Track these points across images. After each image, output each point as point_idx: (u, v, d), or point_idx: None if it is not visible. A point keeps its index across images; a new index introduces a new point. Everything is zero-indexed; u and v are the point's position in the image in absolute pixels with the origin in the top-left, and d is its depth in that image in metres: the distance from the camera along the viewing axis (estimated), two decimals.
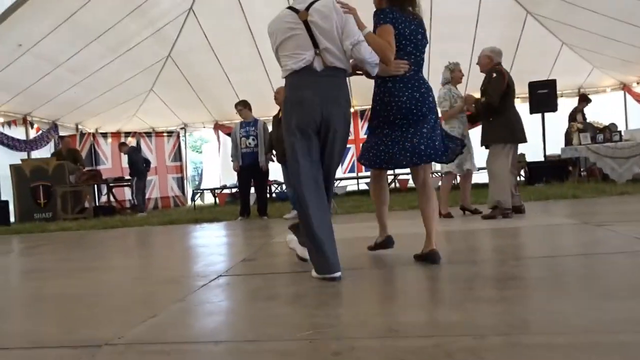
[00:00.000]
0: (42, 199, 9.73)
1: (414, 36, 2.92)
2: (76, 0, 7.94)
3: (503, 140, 5.02)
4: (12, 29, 7.76)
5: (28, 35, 8.13)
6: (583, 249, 3.15)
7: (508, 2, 9.62)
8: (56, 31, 8.32)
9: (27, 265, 4.36)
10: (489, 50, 5.21)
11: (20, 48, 8.31)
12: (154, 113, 13.14)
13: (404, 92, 2.88)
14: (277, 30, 2.78)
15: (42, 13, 7.76)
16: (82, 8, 8.09)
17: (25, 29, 7.92)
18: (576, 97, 12.17)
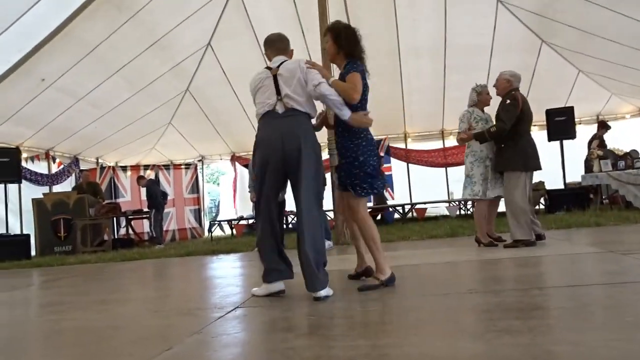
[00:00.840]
0: (62, 232, 9.85)
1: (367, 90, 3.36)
2: (98, 35, 8.20)
3: (517, 168, 4.95)
4: (36, 64, 8.02)
5: (51, 70, 8.37)
6: (609, 278, 3.06)
7: (522, 31, 9.68)
8: (78, 65, 8.57)
9: (46, 298, 4.38)
10: (509, 74, 5.19)
11: (43, 83, 8.56)
12: (172, 146, 13.36)
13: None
14: (253, 83, 3.34)
15: (64, 47, 8.01)
16: (103, 42, 8.34)
17: (48, 64, 8.17)
18: (595, 124, 12.06)
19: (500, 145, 5.09)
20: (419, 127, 12.86)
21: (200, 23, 9.37)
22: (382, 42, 10.06)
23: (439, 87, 11.06)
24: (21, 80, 8.22)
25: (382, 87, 11.19)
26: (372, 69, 10.78)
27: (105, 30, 8.22)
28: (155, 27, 8.82)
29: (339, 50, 3.37)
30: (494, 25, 9.56)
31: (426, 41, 10.11)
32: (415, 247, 5.77)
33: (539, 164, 5.09)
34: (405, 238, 6.92)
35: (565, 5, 8.42)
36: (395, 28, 9.73)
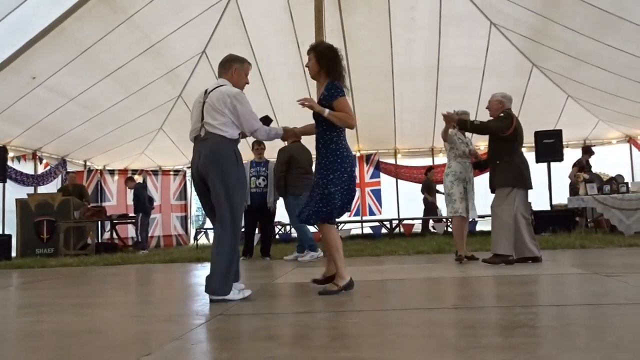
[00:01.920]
0: (45, 234, 9.70)
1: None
2: (91, 35, 8.13)
3: (509, 184, 5.02)
4: (27, 61, 7.92)
5: (42, 68, 8.26)
6: (592, 299, 3.07)
7: (514, 54, 9.82)
8: (70, 65, 8.48)
9: (24, 300, 4.29)
10: (501, 96, 5.27)
11: (34, 81, 8.46)
12: (162, 152, 13.27)
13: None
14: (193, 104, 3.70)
15: (57, 46, 7.93)
16: (97, 43, 8.29)
17: (40, 62, 8.07)
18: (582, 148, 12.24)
19: (495, 162, 5.16)
20: (409, 144, 12.94)
21: (196, 31, 9.38)
22: (377, 60, 10.16)
23: (431, 106, 11.15)
24: (11, 77, 8.10)
25: (374, 104, 11.29)
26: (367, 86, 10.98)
27: (99, 31, 8.16)
28: (150, 32, 8.80)
29: (320, 70, 3.59)
30: (487, 47, 9.69)
31: (420, 61, 10.23)
32: (402, 262, 5.77)
33: (531, 184, 5.17)
34: (391, 253, 6.91)
35: (556, 33, 8.57)
36: (390, 47, 9.82)
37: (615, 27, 7.73)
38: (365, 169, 12.86)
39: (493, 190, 5.21)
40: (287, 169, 6.76)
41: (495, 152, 5.20)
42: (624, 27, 7.62)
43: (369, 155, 12.90)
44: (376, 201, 12.67)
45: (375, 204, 12.65)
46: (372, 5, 9.12)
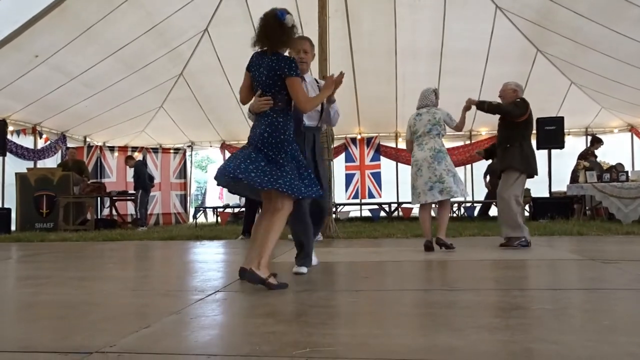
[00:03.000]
0: (44, 209, 9.72)
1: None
2: (95, 14, 8.07)
3: (518, 169, 5.06)
4: (29, 39, 7.89)
5: (45, 46, 8.23)
6: (588, 284, 3.09)
7: (519, 39, 9.73)
8: (73, 43, 8.45)
9: (24, 272, 4.31)
10: (515, 84, 5.32)
11: (36, 59, 8.41)
12: (162, 130, 13.23)
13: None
14: None
15: (60, 24, 7.89)
16: (100, 22, 8.22)
17: (42, 40, 8.04)
18: (583, 136, 12.22)
19: (506, 145, 5.17)
20: None
21: (199, 8, 9.27)
22: (380, 41, 10.06)
23: None
24: (13, 54, 8.05)
25: (376, 86, 11.21)
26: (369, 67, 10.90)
27: (101, 10, 8.08)
28: (153, 11, 8.70)
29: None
30: (492, 31, 9.59)
31: (423, 43, 10.12)
32: (400, 245, 5.79)
33: (536, 171, 5.23)
34: (390, 235, 6.94)
35: (562, 17, 8.47)
36: (394, 28, 9.72)
37: (623, 13, 7.64)
38: (366, 151, 12.83)
39: (499, 175, 5.25)
40: None
41: (506, 136, 5.20)
42: (631, 13, 7.54)
43: (370, 138, 12.87)
44: (376, 184, 12.67)
45: (375, 187, 12.66)
46: None
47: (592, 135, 10.93)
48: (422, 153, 5.11)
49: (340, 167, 12.59)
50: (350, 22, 9.66)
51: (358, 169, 12.78)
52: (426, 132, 5.18)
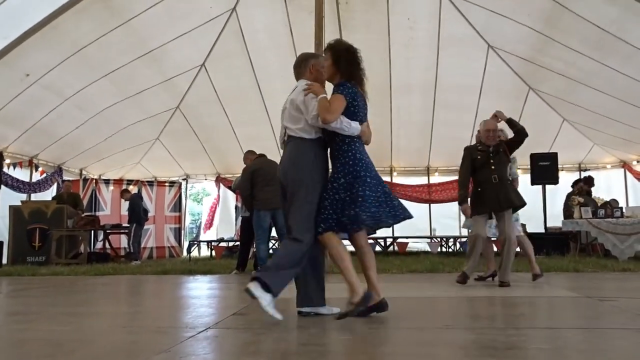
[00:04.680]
0: (37, 242, 9.62)
1: (365, 109, 3.35)
2: (88, 34, 8.08)
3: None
4: (21, 57, 7.83)
5: (36, 65, 8.17)
6: (585, 323, 3.06)
7: (511, 77, 9.91)
8: (65, 63, 8.40)
9: (13, 307, 4.24)
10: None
11: (28, 79, 8.32)
12: (158, 162, 13.25)
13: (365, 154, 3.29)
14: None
15: (51, 42, 7.84)
16: (92, 43, 8.23)
17: (33, 58, 7.98)
18: (577, 171, 12.31)
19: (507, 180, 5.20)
20: (405, 162, 12.97)
21: (196, 42, 9.43)
22: (375, 76, 10.14)
23: (427, 124, 11.23)
24: (3, 71, 7.98)
25: (371, 119, 11.30)
26: None
27: (94, 31, 8.08)
28: (147, 38, 8.78)
29: (336, 72, 3.30)
30: (484, 68, 9.78)
31: (418, 79, 10.29)
32: (395, 281, 5.73)
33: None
34: (385, 271, 6.88)
35: (556, 52, 8.65)
36: (389, 64, 9.90)
37: (615, 49, 7.81)
38: None
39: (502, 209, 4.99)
40: (252, 186, 6.60)
41: (505, 170, 5.17)
42: (623, 49, 7.71)
43: None
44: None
45: None
46: (371, 24, 9.22)
47: (588, 175, 10.97)
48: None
49: None
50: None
51: None
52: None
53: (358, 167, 3.14)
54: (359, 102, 3.25)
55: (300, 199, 3.15)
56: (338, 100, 3.15)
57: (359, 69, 3.30)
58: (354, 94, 3.21)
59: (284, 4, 8.87)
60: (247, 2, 8.96)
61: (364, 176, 3.12)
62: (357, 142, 3.24)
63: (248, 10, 9.07)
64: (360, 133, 3.25)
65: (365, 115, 3.33)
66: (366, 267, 3.29)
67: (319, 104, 3.13)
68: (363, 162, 3.18)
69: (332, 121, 3.09)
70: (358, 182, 3.11)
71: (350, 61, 3.28)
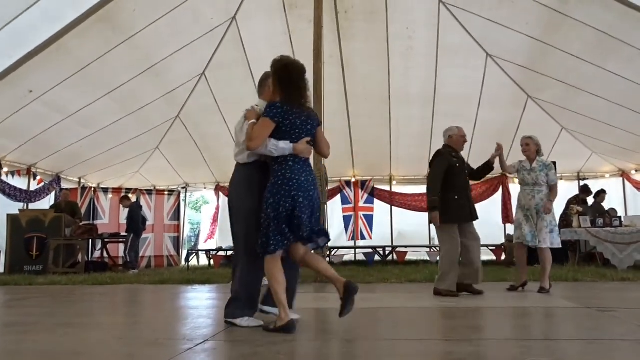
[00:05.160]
0: (34, 251, 9.58)
1: (305, 125, 3.26)
2: (91, 53, 8.13)
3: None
4: (24, 74, 7.87)
5: (39, 83, 8.20)
6: (585, 334, 3.04)
7: (509, 86, 9.93)
8: (67, 81, 8.43)
9: (9, 318, 4.21)
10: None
11: (30, 95, 8.36)
12: (157, 171, 13.23)
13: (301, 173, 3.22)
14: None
15: (55, 61, 7.88)
16: (95, 61, 8.27)
17: (36, 76, 8.01)
18: (575, 180, 12.31)
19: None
20: (404, 171, 12.97)
21: (196, 53, 9.45)
22: (374, 86, 10.25)
23: (427, 133, 11.23)
24: (8, 89, 8.03)
25: (370, 130, 11.34)
26: (363, 111, 10.95)
27: (98, 49, 8.15)
28: (150, 53, 8.84)
29: (276, 91, 3.30)
30: (483, 78, 9.81)
31: (416, 89, 10.31)
32: (394, 291, 5.71)
33: None
34: (384, 280, 6.85)
35: (555, 59, 8.68)
36: (387, 74, 9.92)
37: (615, 51, 7.82)
38: (360, 194, 12.85)
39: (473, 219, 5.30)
40: None
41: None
42: (623, 51, 7.72)
43: (364, 181, 12.91)
44: (367, 226, 12.64)
45: (367, 228, 12.61)
46: (370, 34, 9.25)
47: (584, 184, 11.00)
48: (530, 202, 5.45)
49: (337, 209, 12.59)
50: (345, 67, 9.87)
51: (352, 211, 12.77)
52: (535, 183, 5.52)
53: (287, 187, 3.12)
54: (293, 120, 3.21)
55: (235, 225, 3.40)
56: (260, 125, 3.17)
57: (294, 87, 3.26)
58: (284, 113, 3.18)
59: (284, 14, 8.91)
60: (247, 12, 8.99)
61: (295, 196, 3.11)
62: (292, 160, 3.19)
63: (248, 19, 9.11)
64: (299, 152, 3.19)
65: (307, 131, 3.26)
66: (320, 272, 3.29)
67: (247, 130, 3.22)
68: (294, 181, 3.14)
69: (255, 148, 3.15)
70: (286, 201, 3.11)
71: (284, 79, 3.27)
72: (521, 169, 5.64)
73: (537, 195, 5.44)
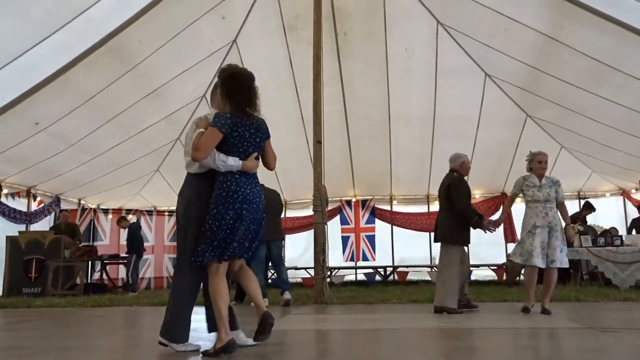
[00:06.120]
0: (33, 273, 9.52)
1: (253, 138, 3.21)
2: (97, 84, 8.20)
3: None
4: (30, 106, 7.94)
5: (44, 114, 8.26)
6: (587, 356, 3.00)
7: (508, 105, 9.99)
8: (73, 112, 8.49)
9: (6, 341, 4.16)
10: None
11: (35, 126, 8.45)
12: (157, 192, 13.21)
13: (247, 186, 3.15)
14: None
15: (61, 93, 7.93)
16: (101, 92, 8.35)
17: (42, 108, 8.06)
18: (576, 199, 12.28)
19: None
20: (404, 190, 12.97)
21: (198, 75, 9.53)
22: (373, 106, 10.32)
23: (427, 153, 11.27)
24: (13, 120, 8.05)
25: (371, 150, 11.39)
26: (363, 131, 10.99)
27: (104, 80, 8.21)
28: (153, 78, 8.88)
29: (225, 101, 3.23)
30: (482, 97, 9.88)
31: (416, 109, 10.38)
32: (395, 311, 5.66)
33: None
34: (385, 301, 6.80)
35: (550, 84, 8.76)
36: (387, 94, 10.00)
37: (609, 79, 7.87)
38: (361, 214, 12.83)
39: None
40: None
41: None
42: (617, 79, 7.78)
43: (365, 200, 12.90)
44: (370, 247, 12.58)
45: (370, 250, 12.55)
46: (369, 55, 9.35)
47: (585, 201, 11.00)
48: (543, 220, 5.28)
49: (336, 229, 12.54)
50: (345, 87, 9.95)
51: (353, 232, 12.72)
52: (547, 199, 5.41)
53: (231, 199, 3.06)
54: (242, 132, 3.14)
55: (179, 236, 3.28)
56: (208, 135, 3.06)
57: (243, 97, 3.19)
58: (232, 125, 3.10)
59: (284, 36, 9.02)
60: (247, 35, 9.11)
61: (238, 209, 3.06)
62: (238, 173, 3.13)
63: (248, 42, 9.22)
64: (247, 169, 3.14)
65: (255, 145, 3.21)
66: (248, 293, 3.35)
67: (194, 140, 3.08)
68: (238, 194, 3.08)
69: (201, 158, 3.04)
70: (228, 214, 3.05)
71: (230, 88, 3.20)
72: (530, 185, 5.47)
73: (549, 212, 5.29)
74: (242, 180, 3.12)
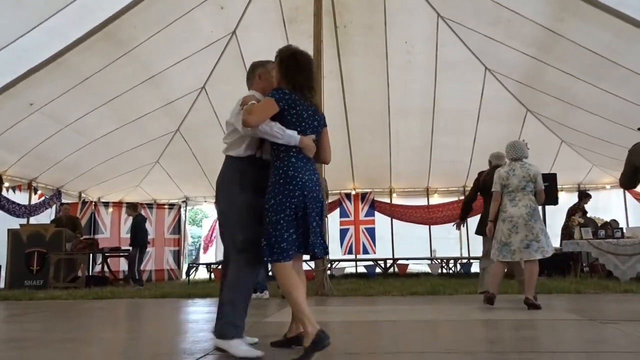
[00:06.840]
0: (35, 266, 9.55)
1: (311, 121, 2.94)
2: (92, 66, 8.19)
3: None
4: (26, 88, 7.94)
5: (40, 96, 8.27)
6: (588, 347, 3.02)
7: (509, 99, 9.97)
8: (68, 93, 8.48)
9: (9, 333, 4.18)
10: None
11: (30, 107, 8.40)
12: (157, 185, 13.23)
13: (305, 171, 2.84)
14: None
15: (57, 76, 7.95)
16: (96, 74, 8.32)
17: (38, 90, 8.08)
18: (576, 192, 12.27)
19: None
20: (404, 184, 12.98)
21: (197, 66, 9.51)
22: (374, 100, 10.30)
23: (427, 146, 11.26)
24: (9, 103, 8.07)
25: (370, 143, 11.39)
26: (363, 125, 10.99)
27: (99, 64, 8.21)
28: (150, 64, 8.87)
29: (281, 79, 2.97)
30: (482, 92, 9.85)
31: (416, 103, 10.36)
32: (395, 303, 5.69)
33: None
34: (385, 293, 6.82)
35: (551, 78, 8.73)
36: (387, 88, 9.98)
37: (610, 72, 7.86)
38: (360, 207, 12.84)
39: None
40: None
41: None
42: (617, 72, 7.76)
43: (364, 193, 12.91)
44: (370, 240, 12.60)
45: (370, 242, 12.57)
46: (369, 48, 9.32)
47: (580, 191, 11.01)
48: (518, 210, 5.04)
49: (335, 222, 12.56)
50: (344, 81, 9.93)
51: (352, 224, 12.74)
52: (520, 188, 5.12)
53: (290, 187, 2.74)
54: (300, 110, 2.87)
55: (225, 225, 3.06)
56: (264, 102, 2.82)
57: (302, 76, 2.96)
58: (290, 100, 2.84)
59: (284, 28, 8.99)
60: (246, 26, 9.07)
61: (299, 195, 2.75)
62: (295, 156, 2.81)
63: (248, 33, 9.18)
64: (304, 146, 2.82)
65: (313, 128, 2.93)
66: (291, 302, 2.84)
67: (244, 109, 2.79)
68: (297, 179, 2.77)
69: (253, 123, 2.72)
70: (292, 203, 2.74)
71: (291, 67, 2.95)
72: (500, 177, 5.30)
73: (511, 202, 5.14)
74: (299, 165, 2.80)
